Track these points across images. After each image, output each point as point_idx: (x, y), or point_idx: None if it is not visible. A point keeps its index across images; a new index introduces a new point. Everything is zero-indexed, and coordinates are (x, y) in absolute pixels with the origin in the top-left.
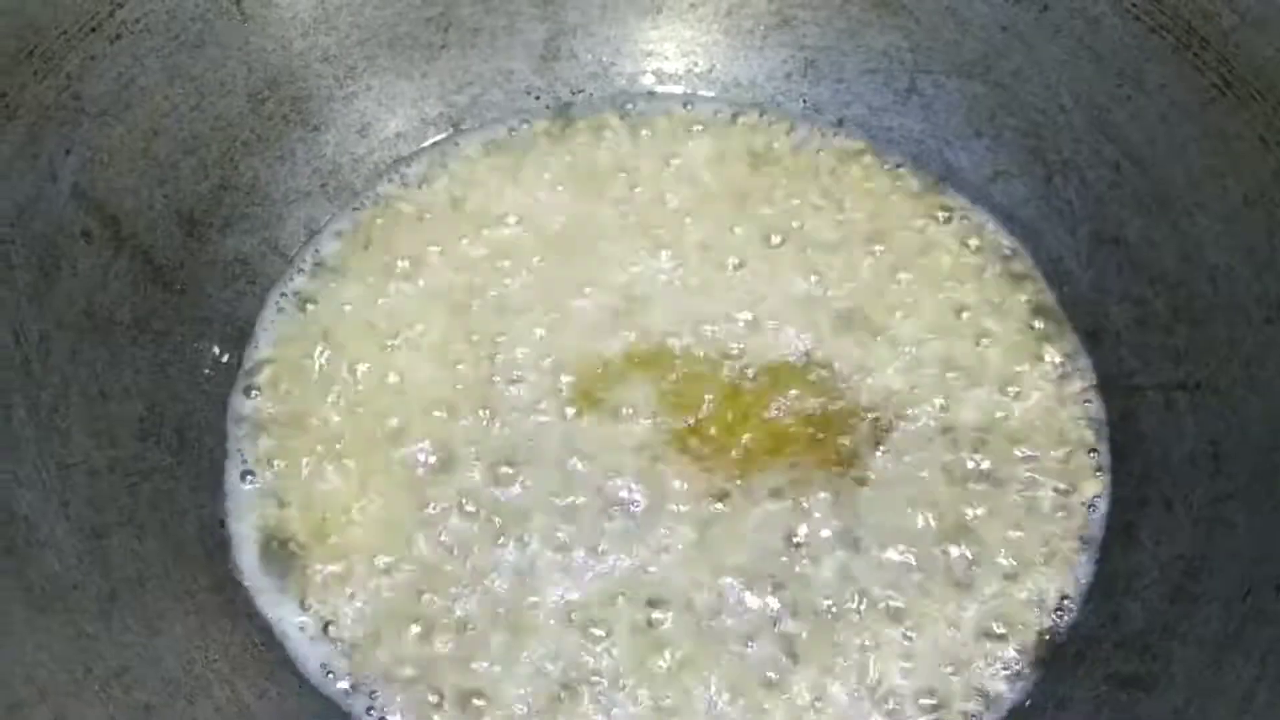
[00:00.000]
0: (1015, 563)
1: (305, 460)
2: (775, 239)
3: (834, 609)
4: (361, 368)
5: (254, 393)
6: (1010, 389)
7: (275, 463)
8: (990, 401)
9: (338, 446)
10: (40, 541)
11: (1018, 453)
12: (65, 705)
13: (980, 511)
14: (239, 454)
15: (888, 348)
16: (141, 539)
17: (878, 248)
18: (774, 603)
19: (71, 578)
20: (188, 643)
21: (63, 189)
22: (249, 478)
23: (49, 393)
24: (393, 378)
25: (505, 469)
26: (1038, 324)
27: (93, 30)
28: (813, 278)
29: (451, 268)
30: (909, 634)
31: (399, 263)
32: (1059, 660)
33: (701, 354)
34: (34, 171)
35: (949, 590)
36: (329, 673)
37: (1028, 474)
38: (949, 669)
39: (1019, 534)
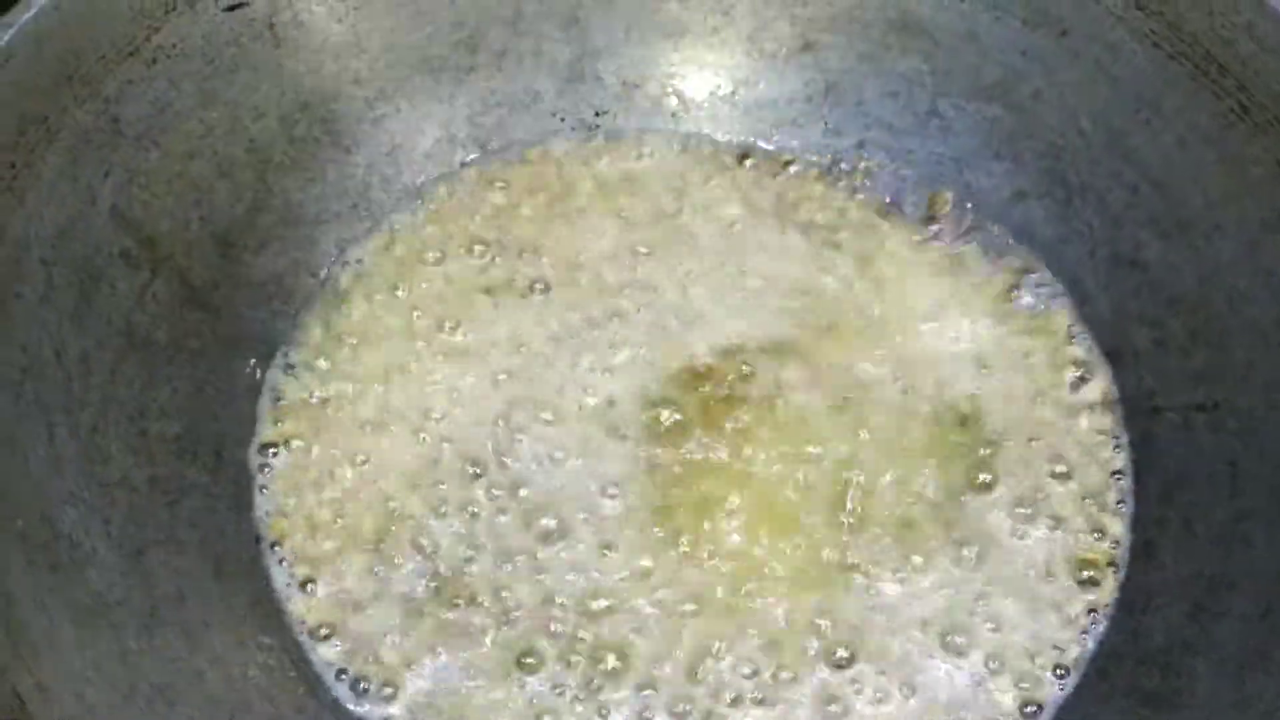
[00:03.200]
0: (1035, 580)
1: (337, 481)
2: (796, 257)
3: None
4: (394, 393)
5: (285, 414)
6: (1029, 409)
7: (308, 482)
8: (1009, 421)
9: (370, 466)
10: (83, 559)
11: (1038, 472)
12: None
13: (1000, 529)
14: (272, 471)
15: (905, 365)
16: (181, 556)
17: (893, 269)
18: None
19: (114, 594)
20: (228, 658)
21: (101, 211)
22: (281, 497)
23: (89, 412)
24: (423, 403)
25: (525, 491)
26: (1058, 345)
27: (130, 55)
28: (831, 294)
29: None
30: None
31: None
32: (1082, 677)
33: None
34: (74, 194)
35: (970, 607)
36: (362, 690)
37: (1047, 493)
38: (973, 686)
39: (1039, 553)
